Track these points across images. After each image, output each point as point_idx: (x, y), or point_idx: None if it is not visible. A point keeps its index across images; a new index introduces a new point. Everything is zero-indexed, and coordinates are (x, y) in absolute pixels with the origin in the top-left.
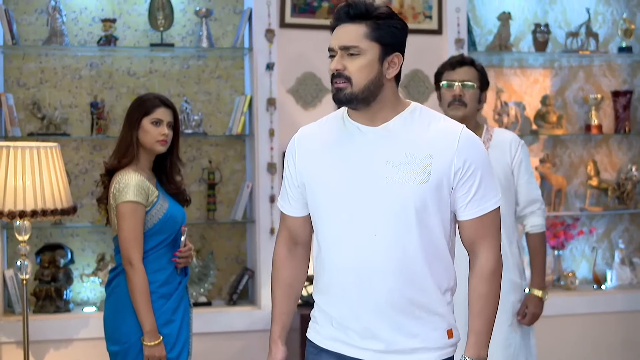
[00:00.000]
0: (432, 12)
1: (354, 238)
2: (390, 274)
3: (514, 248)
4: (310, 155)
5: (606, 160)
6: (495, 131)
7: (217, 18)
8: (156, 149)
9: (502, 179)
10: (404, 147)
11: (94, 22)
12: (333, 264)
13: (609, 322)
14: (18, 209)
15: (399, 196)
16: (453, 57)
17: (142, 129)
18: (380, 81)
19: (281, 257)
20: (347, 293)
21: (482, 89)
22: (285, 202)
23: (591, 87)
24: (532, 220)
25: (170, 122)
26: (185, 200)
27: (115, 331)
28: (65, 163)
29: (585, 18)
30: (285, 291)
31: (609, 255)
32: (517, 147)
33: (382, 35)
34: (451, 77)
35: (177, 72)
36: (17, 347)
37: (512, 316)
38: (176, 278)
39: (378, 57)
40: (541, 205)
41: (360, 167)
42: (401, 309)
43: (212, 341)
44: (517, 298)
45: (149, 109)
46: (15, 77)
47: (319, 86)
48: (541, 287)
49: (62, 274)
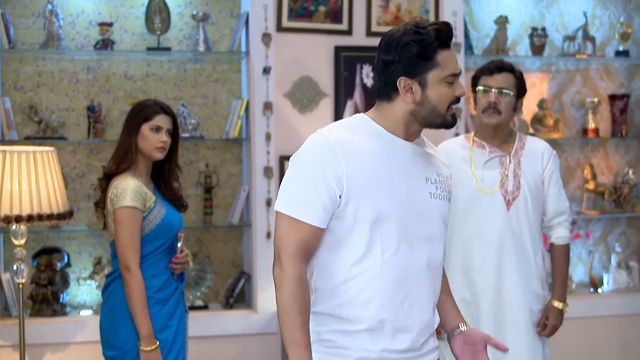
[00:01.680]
0: (429, 16)
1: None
2: (440, 272)
3: (539, 259)
4: (360, 165)
5: (603, 163)
6: (529, 139)
7: (214, 22)
8: (154, 156)
9: (533, 189)
10: (435, 168)
11: (91, 26)
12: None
13: (605, 326)
14: (14, 214)
15: (441, 210)
16: (492, 62)
17: (141, 135)
18: None
19: (301, 274)
20: (408, 295)
21: (519, 96)
22: (310, 211)
23: (588, 90)
24: (558, 232)
25: (169, 129)
26: (182, 206)
27: (112, 336)
28: (62, 167)
29: (582, 22)
30: (308, 314)
31: (606, 258)
32: (549, 158)
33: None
34: (488, 82)
35: (174, 75)
36: (14, 351)
37: (532, 326)
38: (173, 284)
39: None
40: (568, 217)
41: (411, 182)
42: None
43: (208, 345)
44: (538, 308)
45: (149, 115)
46: (12, 81)
47: (315, 90)
48: (562, 299)
49: (58, 278)
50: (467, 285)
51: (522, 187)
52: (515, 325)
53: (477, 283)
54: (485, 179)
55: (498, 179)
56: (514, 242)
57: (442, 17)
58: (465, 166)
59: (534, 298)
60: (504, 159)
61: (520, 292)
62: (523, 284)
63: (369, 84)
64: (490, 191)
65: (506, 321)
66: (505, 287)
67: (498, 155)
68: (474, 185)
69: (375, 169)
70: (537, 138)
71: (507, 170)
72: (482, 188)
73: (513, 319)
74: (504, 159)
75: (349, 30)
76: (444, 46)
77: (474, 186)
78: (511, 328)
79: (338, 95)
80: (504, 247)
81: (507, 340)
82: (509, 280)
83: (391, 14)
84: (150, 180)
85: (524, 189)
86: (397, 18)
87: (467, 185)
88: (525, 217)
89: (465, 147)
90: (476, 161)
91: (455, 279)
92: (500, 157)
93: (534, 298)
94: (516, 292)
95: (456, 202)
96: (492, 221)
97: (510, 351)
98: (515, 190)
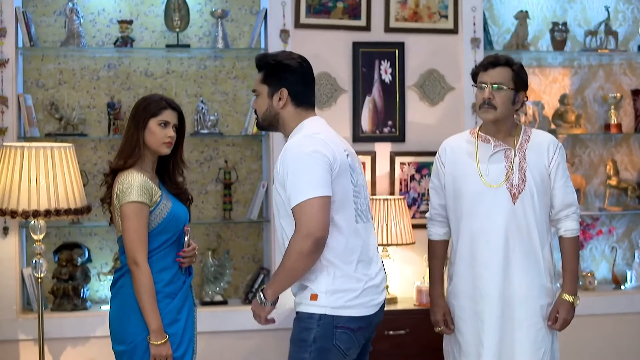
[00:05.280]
0: (448, 12)
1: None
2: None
3: (547, 252)
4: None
5: (627, 159)
6: (534, 132)
7: (234, 19)
8: (161, 151)
9: (539, 181)
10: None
11: (112, 24)
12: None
13: (628, 323)
14: (32, 209)
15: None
16: (487, 58)
17: (148, 130)
18: None
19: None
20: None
21: (518, 89)
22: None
23: (611, 86)
24: (566, 224)
25: (175, 124)
26: (188, 200)
27: (121, 331)
28: (83, 163)
29: (604, 16)
30: None
31: (629, 255)
32: (555, 150)
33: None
34: (483, 79)
35: (194, 72)
36: (35, 345)
37: (542, 320)
38: (181, 277)
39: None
40: (576, 209)
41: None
42: None
43: (227, 339)
44: (547, 302)
45: (156, 110)
46: (34, 78)
47: (333, 86)
48: (573, 292)
49: (79, 273)
50: (473, 280)
51: (528, 180)
52: (523, 320)
53: (483, 277)
54: (491, 173)
55: (503, 173)
56: (521, 235)
57: (461, 12)
58: (470, 161)
59: (543, 292)
60: (509, 153)
61: (528, 287)
62: (530, 278)
63: (387, 80)
64: (496, 185)
65: (514, 316)
66: (512, 281)
67: (503, 149)
68: (479, 179)
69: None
70: (542, 131)
71: (512, 164)
72: (488, 182)
73: (520, 314)
74: (509, 152)
75: (367, 26)
76: None
77: (479, 181)
78: (518, 323)
79: (356, 91)
80: (510, 241)
81: (514, 335)
82: (516, 274)
83: (409, 9)
84: (155, 175)
85: (530, 182)
86: (415, 14)
87: (473, 180)
88: (531, 210)
89: (470, 142)
90: (481, 155)
91: (461, 274)
92: (505, 150)
93: (542, 292)
94: (523, 287)
95: (462, 197)
96: (498, 215)
97: (517, 346)
98: (520, 184)
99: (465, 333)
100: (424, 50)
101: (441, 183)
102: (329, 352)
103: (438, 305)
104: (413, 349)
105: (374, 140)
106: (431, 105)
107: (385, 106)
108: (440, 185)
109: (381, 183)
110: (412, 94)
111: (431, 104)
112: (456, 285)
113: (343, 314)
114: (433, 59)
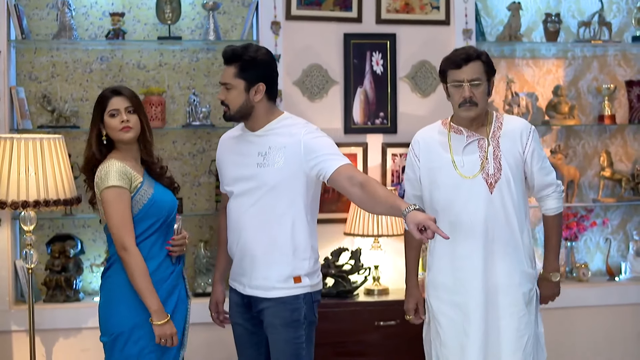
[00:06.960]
0: (440, 3)
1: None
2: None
3: (526, 237)
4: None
5: (621, 151)
6: (505, 118)
7: (225, 11)
8: (122, 138)
9: (514, 168)
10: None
11: (104, 17)
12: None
13: (622, 314)
14: (21, 199)
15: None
16: (456, 54)
17: (105, 124)
18: None
19: None
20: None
21: (489, 79)
22: None
23: (605, 77)
24: (547, 204)
25: (127, 107)
26: (174, 188)
27: (105, 323)
28: (76, 155)
29: (598, 7)
30: None
31: (624, 247)
32: (529, 136)
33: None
34: (458, 77)
35: (186, 65)
36: (28, 335)
37: (525, 307)
38: (169, 267)
39: None
40: (556, 187)
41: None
42: None
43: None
44: (528, 288)
45: (104, 103)
46: (27, 71)
47: (325, 78)
48: (552, 269)
49: (72, 264)
50: (453, 272)
51: (504, 168)
52: (506, 307)
53: (464, 269)
54: (466, 165)
55: (478, 163)
56: (500, 225)
57: (452, 3)
58: (444, 153)
59: (525, 278)
60: (482, 142)
61: (510, 275)
62: (512, 266)
63: (379, 71)
64: (472, 176)
65: (498, 304)
66: (494, 271)
67: (476, 139)
68: (454, 171)
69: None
70: (514, 116)
71: (487, 153)
72: (463, 174)
73: (504, 302)
74: (482, 142)
75: (358, 17)
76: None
77: (455, 173)
78: (502, 311)
79: (348, 83)
80: (490, 231)
81: (500, 323)
82: (498, 263)
83: (401, 0)
84: (140, 165)
85: (506, 170)
86: (407, 5)
87: (448, 172)
88: (509, 198)
89: (443, 133)
90: (455, 147)
91: (442, 266)
92: (478, 140)
93: (524, 279)
94: (505, 275)
95: (438, 189)
96: (476, 206)
97: (502, 333)
98: (496, 173)
99: (444, 324)
100: (415, 41)
101: (416, 175)
102: (313, 324)
103: (412, 295)
104: (403, 340)
105: (365, 132)
106: (423, 97)
107: (377, 97)
108: (416, 177)
109: (373, 174)
110: (403, 85)
111: (423, 96)
112: (435, 276)
113: (317, 289)
114: (425, 51)
